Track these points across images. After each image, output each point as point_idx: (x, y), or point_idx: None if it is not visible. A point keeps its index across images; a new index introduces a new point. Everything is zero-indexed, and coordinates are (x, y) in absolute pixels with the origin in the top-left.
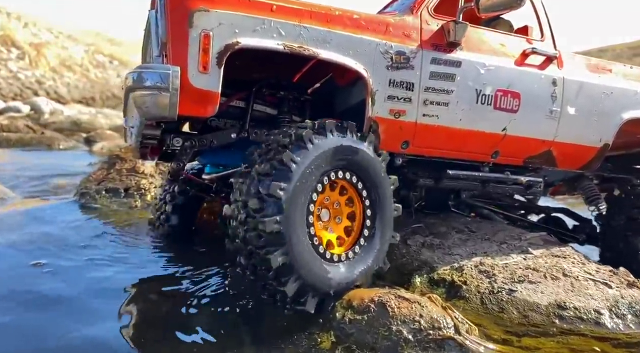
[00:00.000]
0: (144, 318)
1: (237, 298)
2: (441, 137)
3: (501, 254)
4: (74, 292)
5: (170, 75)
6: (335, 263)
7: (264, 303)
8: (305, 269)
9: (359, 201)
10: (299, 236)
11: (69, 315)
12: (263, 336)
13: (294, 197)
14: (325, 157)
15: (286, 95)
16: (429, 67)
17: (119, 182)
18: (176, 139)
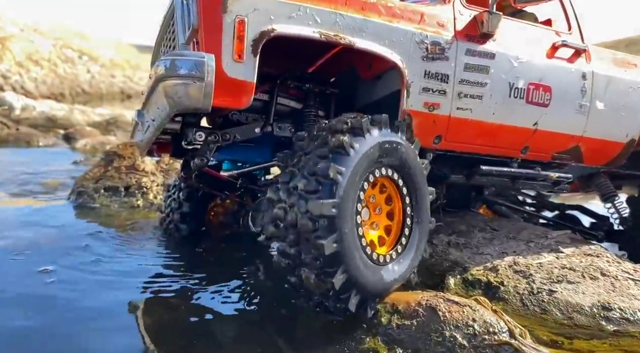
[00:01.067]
0: (164, 328)
1: (262, 303)
2: (474, 131)
3: (532, 253)
4: (85, 302)
5: (206, 63)
6: (380, 263)
7: (291, 306)
8: (352, 264)
9: (399, 199)
10: (350, 228)
11: (80, 325)
12: (300, 342)
13: (349, 185)
14: (376, 150)
15: (311, 89)
16: (464, 58)
17: (118, 180)
18: (199, 133)
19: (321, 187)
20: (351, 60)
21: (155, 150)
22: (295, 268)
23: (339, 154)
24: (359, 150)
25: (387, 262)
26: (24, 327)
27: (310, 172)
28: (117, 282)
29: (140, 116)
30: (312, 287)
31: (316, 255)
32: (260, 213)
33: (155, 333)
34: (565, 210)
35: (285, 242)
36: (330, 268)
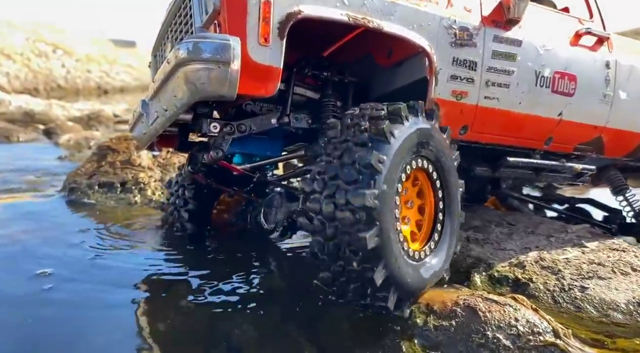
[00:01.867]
0: (177, 333)
1: (280, 303)
2: (500, 121)
3: (555, 248)
4: (88, 311)
5: (232, 46)
6: (417, 259)
7: (312, 306)
8: (392, 259)
9: (431, 192)
10: (390, 221)
11: (83, 333)
12: (328, 346)
13: (389, 176)
14: (414, 139)
15: (329, 77)
16: (491, 45)
17: (113, 176)
18: (213, 124)
19: (361, 177)
20: (368, 47)
21: (155, 144)
22: (330, 263)
23: (380, 142)
24: (398, 137)
25: (422, 258)
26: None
27: (350, 161)
28: (121, 285)
29: (146, 106)
30: (349, 283)
31: (356, 249)
32: (272, 209)
33: (167, 339)
34: (575, 203)
35: (320, 236)
36: (370, 264)
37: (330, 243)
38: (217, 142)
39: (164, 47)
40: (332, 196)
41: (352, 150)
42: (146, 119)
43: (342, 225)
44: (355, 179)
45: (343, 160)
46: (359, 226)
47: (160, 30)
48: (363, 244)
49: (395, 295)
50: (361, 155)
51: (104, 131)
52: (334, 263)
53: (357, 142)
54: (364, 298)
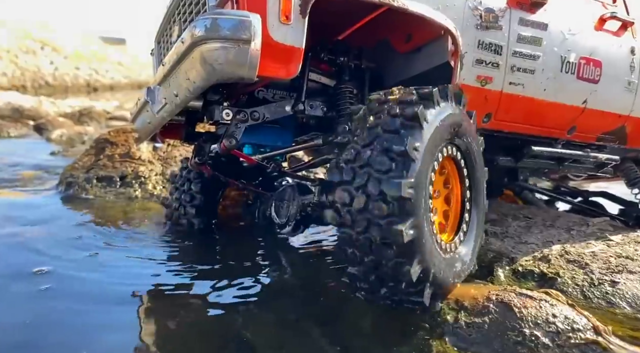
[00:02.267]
0: (188, 335)
1: (295, 301)
2: (524, 109)
3: (579, 242)
4: (90, 315)
5: (252, 24)
6: (447, 252)
7: (329, 304)
8: (428, 252)
9: (458, 181)
10: (425, 212)
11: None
12: (351, 346)
13: (424, 164)
14: (447, 125)
15: (346, 62)
16: (517, 28)
17: (112, 169)
18: (226, 111)
19: (396, 165)
20: (384, 32)
21: (158, 136)
22: (361, 258)
23: (413, 128)
24: (431, 123)
25: (453, 250)
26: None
27: (382, 148)
28: (123, 283)
29: (152, 94)
30: (382, 279)
31: (390, 243)
32: (284, 202)
33: (177, 339)
34: (589, 196)
35: (350, 229)
36: (406, 258)
37: (361, 237)
38: (230, 130)
39: (170, 32)
40: (364, 186)
41: (383, 136)
42: (152, 107)
43: (374, 218)
44: (389, 168)
45: (374, 147)
46: (393, 218)
47: (166, 13)
48: (398, 237)
49: (430, 290)
50: (395, 141)
51: (97, 127)
52: (365, 258)
53: (388, 128)
54: (397, 294)
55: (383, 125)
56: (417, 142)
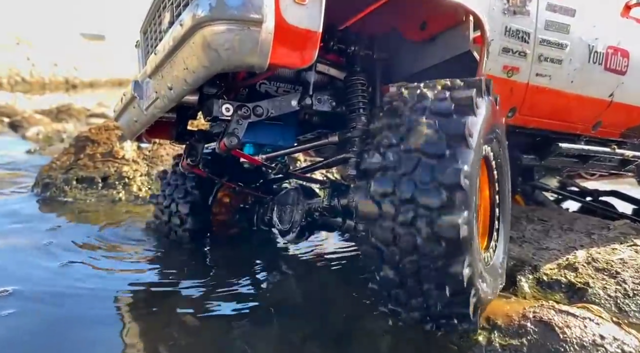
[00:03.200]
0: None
1: (299, 319)
2: (550, 102)
3: (603, 247)
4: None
5: (264, 3)
6: (485, 261)
7: (336, 323)
8: (476, 255)
9: (487, 183)
10: (474, 209)
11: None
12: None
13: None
14: (489, 120)
15: (357, 52)
16: (545, 14)
17: (93, 170)
18: (226, 106)
19: (450, 152)
20: (395, 20)
21: (144, 135)
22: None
23: (467, 114)
24: (481, 114)
25: (488, 260)
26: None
27: (431, 131)
28: (104, 298)
29: (139, 88)
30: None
31: (443, 237)
32: (287, 207)
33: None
34: (599, 195)
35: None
36: (457, 257)
37: (403, 230)
38: (232, 127)
39: (160, 19)
40: (411, 173)
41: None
42: (140, 102)
43: (424, 209)
44: (443, 153)
45: (419, 130)
46: (447, 209)
47: (153, 1)
48: (452, 231)
49: (474, 300)
50: (450, 125)
51: (76, 125)
52: (406, 257)
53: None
54: (439, 304)
55: (433, 108)
56: (473, 128)
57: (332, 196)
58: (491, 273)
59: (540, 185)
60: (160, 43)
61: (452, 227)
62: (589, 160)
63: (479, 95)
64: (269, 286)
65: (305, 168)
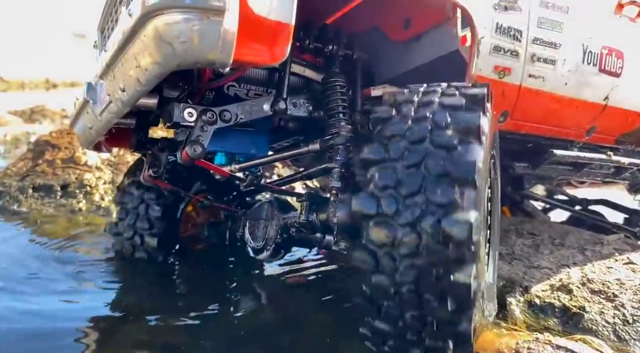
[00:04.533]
0: None
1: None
2: (543, 106)
3: (597, 265)
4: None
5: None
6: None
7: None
8: (482, 275)
9: None
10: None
11: None
12: None
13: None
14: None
15: (335, 52)
16: (538, 10)
17: (52, 177)
18: (188, 110)
19: (462, 148)
20: (375, 18)
21: (103, 143)
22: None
23: (476, 116)
24: (489, 117)
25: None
26: None
27: (441, 124)
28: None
29: (92, 91)
30: (422, 300)
31: (453, 243)
32: (260, 222)
33: None
34: (588, 204)
35: (395, 219)
36: (459, 272)
37: (405, 230)
38: (195, 134)
39: (117, 15)
40: (417, 165)
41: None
42: (93, 107)
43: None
44: (454, 145)
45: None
46: (462, 207)
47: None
48: (463, 233)
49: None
50: (461, 117)
51: (49, 126)
52: (407, 260)
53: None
54: (435, 321)
55: (443, 102)
56: (485, 126)
57: (310, 210)
58: (488, 294)
59: (530, 194)
60: (109, 38)
61: (463, 228)
62: (584, 168)
63: (488, 99)
64: (243, 309)
65: (280, 180)
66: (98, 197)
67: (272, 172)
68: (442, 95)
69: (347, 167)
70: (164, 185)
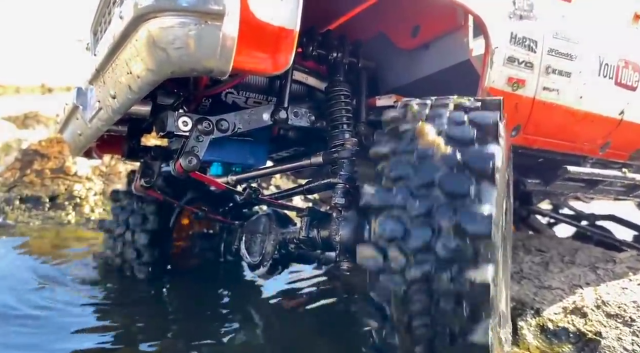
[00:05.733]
0: None
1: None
2: (557, 120)
3: (611, 285)
4: None
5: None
6: None
7: None
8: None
9: None
10: None
11: None
12: None
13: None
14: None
15: (339, 59)
16: (553, 19)
17: (40, 188)
18: (183, 119)
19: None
20: (381, 24)
21: (94, 150)
22: None
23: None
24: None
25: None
26: None
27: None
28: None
29: (82, 96)
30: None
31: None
32: (257, 237)
33: None
34: (595, 220)
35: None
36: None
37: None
38: (190, 144)
39: (110, 17)
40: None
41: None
42: (83, 113)
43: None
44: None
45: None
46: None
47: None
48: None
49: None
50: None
51: (43, 132)
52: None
53: (460, 137)
54: None
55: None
56: (498, 161)
57: (311, 226)
58: (503, 321)
59: (538, 210)
60: (100, 42)
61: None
62: (597, 185)
63: (501, 119)
64: (236, 333)
65: (279, 193)
66: (88, 209)
67: (269, 183)
68: (449, 125)
69: (351, 182)
70: (156, 195)
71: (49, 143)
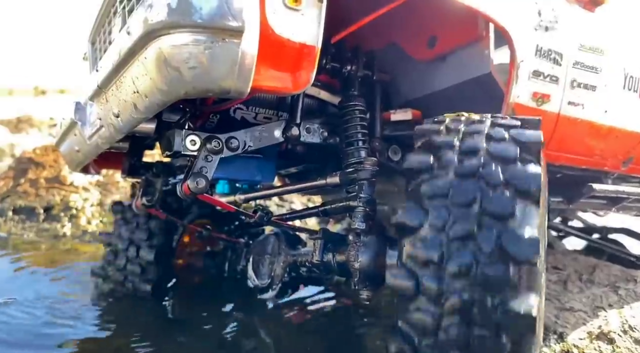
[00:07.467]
0: None
1: None
2: (582, 136)
3: (636, 308)
4: None
5: (244, 6)
6: None
7: None
8: None
9: None
10: None
11: None
12: None
13: None
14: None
15: (353, 72)
16: (578, 31)
17: (34, 198)
18: (191, 138)
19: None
20: (394, 33)
21: (92, 165)
22: None
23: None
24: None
25: None
26: None
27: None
28: None
29: (82, 112)
30: None
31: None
32: (266, 258)
33: None
34: (607, 233)
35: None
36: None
37: None
38: (198, 165)
39: (110, 27)
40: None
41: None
42: (82, 129)
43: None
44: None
45: None
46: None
47: (103, 1)
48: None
49: None
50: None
51: (37, 137)
52: None
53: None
54: None
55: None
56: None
57: (325, 249)
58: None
59: (553, 225)
60: (103, 57)
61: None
62: (621, 202)
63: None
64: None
65: (293, 214)
66: (84, 220)
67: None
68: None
69: (372, 205)
70: (158, 214)
71: (44, 151)
